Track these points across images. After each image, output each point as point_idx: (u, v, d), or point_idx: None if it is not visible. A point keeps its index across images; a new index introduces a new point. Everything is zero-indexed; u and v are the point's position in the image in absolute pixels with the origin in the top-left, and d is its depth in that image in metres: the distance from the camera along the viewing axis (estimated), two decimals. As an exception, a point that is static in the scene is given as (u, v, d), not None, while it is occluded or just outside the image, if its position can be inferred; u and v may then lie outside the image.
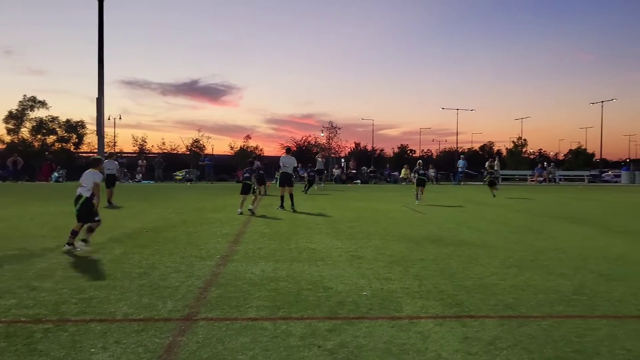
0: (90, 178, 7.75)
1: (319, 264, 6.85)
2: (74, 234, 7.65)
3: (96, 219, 7.78)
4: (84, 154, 58.37)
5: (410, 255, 7.57)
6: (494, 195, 20.69)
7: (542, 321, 4.46)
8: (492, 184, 21.79)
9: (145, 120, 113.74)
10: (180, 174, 40.42)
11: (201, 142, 56.60)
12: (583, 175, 47.75)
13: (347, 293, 5.35)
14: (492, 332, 4.15)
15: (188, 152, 56.10)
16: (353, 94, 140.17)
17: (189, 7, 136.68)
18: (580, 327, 4.30)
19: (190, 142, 56.59)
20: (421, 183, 18.53)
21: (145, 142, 58.45)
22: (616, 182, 47.83)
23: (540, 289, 5.61)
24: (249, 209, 13.39)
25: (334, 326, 4.26)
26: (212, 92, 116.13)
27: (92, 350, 3.68)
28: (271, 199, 18.58)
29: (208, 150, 56.52)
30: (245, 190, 13.64)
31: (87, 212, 7.66)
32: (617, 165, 76.00)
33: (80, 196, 7.64)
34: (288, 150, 17.28)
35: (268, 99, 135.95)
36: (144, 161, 39.64)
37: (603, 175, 53.99)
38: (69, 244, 7.57)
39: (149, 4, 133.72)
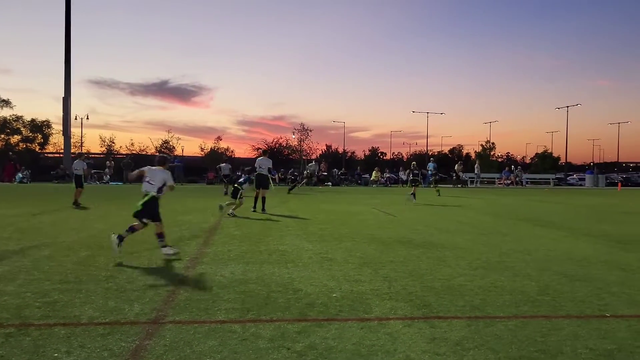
0: (160, 176, 7.51)
1: (289, 266, 6.84)
2: (132, 229, 7.35)
3: (145, 220, 7.41)
4: (49, 155, 57.06)
5: (380, 257, 7.62)
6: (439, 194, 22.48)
7: (508, 321, 4.54)
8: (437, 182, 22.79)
9: (113, 121, 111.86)
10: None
11: (171, 143, 55.87)
12: (549, 179, 48.80)
13: (317, 295, 5.35)
14: (460, 332, 4.21)
15: (157, 153, 55.35)
16: (324, 97, 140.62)
17: (159, 6, 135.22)
18: (545, 327, 4.39)
19: (160, 143, 55.87)
20: (415, 183, 19.99)
21: (113, 142, 57.29)
22: (581, 185, 49.09)
23: (507, 290, 5.71)
24: (229, 213, 13.23)
25: (303, 328, 4.26)
26: (182, 93, 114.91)
27: (56, 354, 3.60)
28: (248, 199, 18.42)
29: (178, 152, 55.82)
30: (235, 194, 13.49)
31: (152, 210, 7.39)
32: (582, 168, 77.98)
33: (147, 193, 7.38)
34: (264, 153, 17.37)
35: (239, 100, 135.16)
36: (112, 162, 38.96)
37: (568, 178, 55.31)
38: (163, 246, 7.32)
39: (118, 3, 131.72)
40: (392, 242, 9.12)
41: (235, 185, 13.84)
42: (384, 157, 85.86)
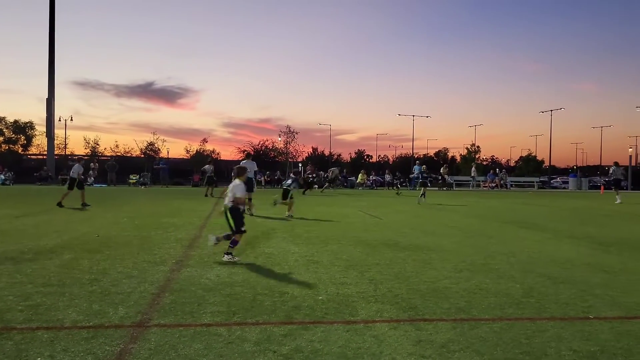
0: (236, 189, 7.69)
1: (275, 269, 6.83)
2: (235, 243, 7.52)
3: (242, 229, 7.61)
4: (32, 156, 56.44)
5: (366, 259, 7.63)
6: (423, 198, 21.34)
7: (493, 324, 4.57)
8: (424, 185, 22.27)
9: (98, 122, 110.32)
10: (134, 178, 39.53)
11: (156, 145, 55.56)
12: (533, 182, 49.25)
13: (303, 298, 5.35)
14: (445, 335, 4.23)
15: (142, 155, 54.96)
16: (311, 99, 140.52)
17: (144, 8, 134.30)
18: (529, 329, 4.43)
19: (145, 145, 55.51)
20: (424, 185, 21.65)
21: (97, 144, 56.85)
22: (564, 188, 49.59)
23: (492, 292, 5.75)
24: (287, 214, 14.07)
25: (290, 331, 4.25)
26: (168, 95, 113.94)
27: (39, 359, 3.56)
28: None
29: (163, 154, 55.52)
30: (285, 195, 14.45)
31: (237, 219, 7.60)
32: (565, 172, 78.77)
33: (231, 207, 7.63)
34: (248, 155, 17.40)
35: (225, 102, 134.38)
36: (96, 164, 38.62)
37: (552, 181, 55.87)
38: (227, 253, 7.42)
39: (103, 3, 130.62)
40: (378, 244, 9.14)
41: (285, 187, 14.99)
42: (370, 160, 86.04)
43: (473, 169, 44.42)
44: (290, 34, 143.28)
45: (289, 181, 15.09)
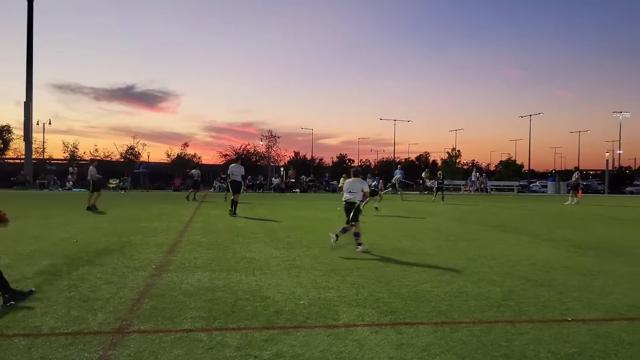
0: (359, 186, 9.25)
1: (256, 274, 6.80)
2: (357, 235, 8.97)
3: (354, 222, 9.04)
4: (9, 160, 55.52)
5: (347, 263, 7.64)
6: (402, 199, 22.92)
7: (473, 326, 4.61)
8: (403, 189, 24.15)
9: (77, 126, 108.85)
10: (114, 182, 39.09)
11: (136, 149, 55.04)
12: (513, 186, 49.83)
13: (285, 302, 5.34)
14: (426, 338, 4.25)
15: (122, 160, 54.41)
16: (293, 103, 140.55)
17: (123, 11, 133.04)
18: (509, 332, 4.47)
19: (125, 149, 54.95)
20: (440, 189, 25.93)
21: (77, 148, 56.16)
22: (543, 192, 50.29)
23: (472, 295, 5.80)
24: (375, 207, 17.05)
25: (271, 336, 4.24)
26: (148, 99, 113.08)
27: (15, 367, 3.49)
28: (207, 205, 18.28)
29: (144, 158, 54.99)
30: (373, 194, 16.22)
31: (356, 214, 9.09)
32: (544, 176, 79.83)
33: (353, 202, 9.09)
34: (237, 160, 17.95)
35: (207, 106, 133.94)
36: (75, 168, 38.12)
37: (531, 185, 56.62)
38: (359, 244, 8.86)
39: (82, 5, 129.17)
40: (359, 248, 9.15)
41: (372, 188, 17.40)
42: (352, 164, 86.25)
43: (474, 172, 44.85)
44: (272, 38, 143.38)
45: (374, 182, 18.78)
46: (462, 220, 15.74)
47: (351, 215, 9.01)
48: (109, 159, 55.43)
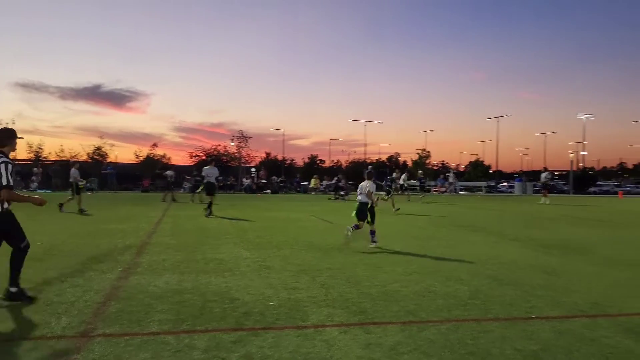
0: (367, 188, 9.71)
1: (226, 275, 6.75)
2: (373, 233, 9.62)
3: (368, 221, 9.71)
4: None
5: (318, 264, 7.65)
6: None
7: (441, 325, 4.67)
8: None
9: (42, 126, 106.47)
10: (82, 183, 38.29)
11: (104, 149, 53.95)
12: (481, 186, 50.59)
13: (254, 303, 5.31)
14: (394, 337, 4.28)
15: (89, 160, 53.31)
16: (264, 104, 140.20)
17: (91, 8, 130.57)
18: (475, 330, 4.54)
19: (92, 149, 53.83)
20: (423, 189, 27.49)
21: (41, 148, 54.76)
22: (510, 192, 51.17)
23: (440, 294, 5.87)
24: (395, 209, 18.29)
25: (239, 337, 4.21)
26: (116, 98, 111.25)
27: (-27, 373, 3.39)
28: (177, 206, 18.07)
29: (111, 158, 53.98)
30: (387, 193, 18.94)
31: (373, 216, 9.75)
32: (511, 176, 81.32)
33: (365, 202, 9.63)
34: (211, 162, 18.16)
35: (177, 106, 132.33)
36: (40, 169, 37.18)
37: (499, 186, 57.57)
38: (374, 241, 9.51)
39: (47, 4, 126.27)
40: (330, 249, 9.18)
41: (386, 188, 19.52)
42: (323, 165, 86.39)
43: (451, 173, 45.32)
44: (243, 38, 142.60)
45: (389, 183, 19.73)
46: (431, 220, 15.91)
47: (368, 216, 9.68)
48: (74, 159, 54.27)
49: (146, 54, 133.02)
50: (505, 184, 59.74)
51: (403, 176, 30.87)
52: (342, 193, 29.48)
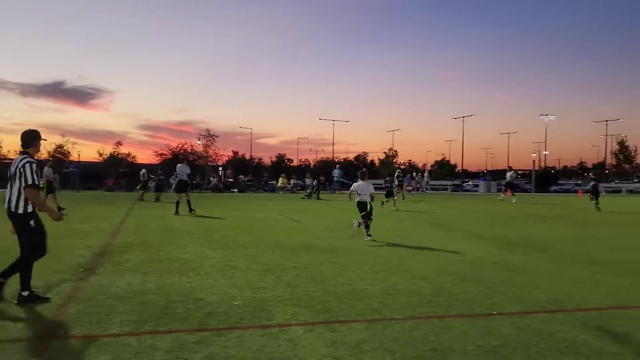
0: (367, 188, 10.52)
1: (190, 275, 6.68)
2: (368, 227, 10.36)
3: (371, 217, 10.50)
4: None
5: (284, 263, 7.63)
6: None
7: (404, 323, 4.71)
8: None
9: (0, 123, 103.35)
10: (42, 182, 37.30)
11: (65, 147, 52.71)
12: (447, 185, 51.29)
13: (218, 303, 5.27)
14: (358, 335, 4.31)
15: (50, 159, 52.01)
16: (232, 102, 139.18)
17: (50, 4, 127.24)
18: (438, 327, 4.60)
19: (54, 147, 52.52)
20: (401, 187, 25.80)
21: (0, 146, 53.28)
22: (475, 191, 51.98)
23: (404, 292, 5.93)
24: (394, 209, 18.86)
25: (203, 338, 4.17)
26: (79, 95, 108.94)
27: None
28: (141, 205, 17.77)
29: (74, 157, 52.79)
30: (388, 195, 20.03)
31: (370, 212, 10.44)
32: (476, 175, 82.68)
33: (366, 202, 10.36)
34: (183, 160, 18.27)
35: (142, 104, 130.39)
36: (-2, 168, 36.10)
37: (464, 185, 58.46)
38: (368, 235, 10.30)
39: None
40: (296, 248, 9.17)
41: (391, 189, 20.28)
42: (291, 164, 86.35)
43: (426, 174, 45.96)
44: (209, 36, 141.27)
45: (389, 184, 20.39)
46: (396, 218, 16.06)
47: (367, 212, 10.38)
48: (36, 158, 52.84)
49: (110, 49, 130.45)
50: (470, 183, 60.68)
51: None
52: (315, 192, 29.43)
